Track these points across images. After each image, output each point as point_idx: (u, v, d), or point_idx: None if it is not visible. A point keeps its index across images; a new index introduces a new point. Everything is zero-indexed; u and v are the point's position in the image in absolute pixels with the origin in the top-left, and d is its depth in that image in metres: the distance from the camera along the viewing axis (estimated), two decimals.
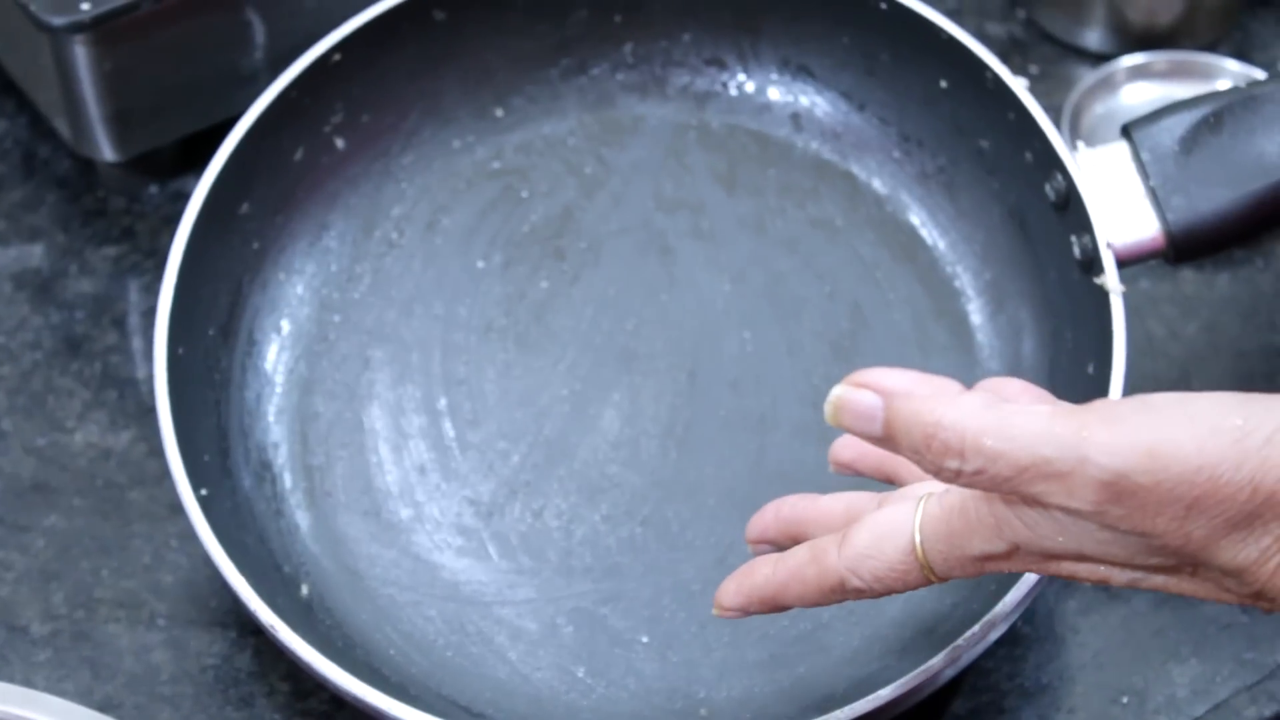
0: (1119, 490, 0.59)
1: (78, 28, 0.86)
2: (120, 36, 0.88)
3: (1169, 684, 0.82)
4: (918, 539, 0.65)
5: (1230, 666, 0.82)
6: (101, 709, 0.78)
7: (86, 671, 0.83)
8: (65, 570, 0.85)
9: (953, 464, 0.60)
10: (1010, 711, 0.81)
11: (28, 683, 0.82)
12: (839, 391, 0.63)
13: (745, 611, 0.70)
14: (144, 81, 0.90)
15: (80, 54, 0.87)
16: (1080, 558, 0.62)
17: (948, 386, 0.67)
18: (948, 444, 0.60)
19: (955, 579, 0.66)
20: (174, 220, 0.89)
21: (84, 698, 0.82)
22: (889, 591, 0.66)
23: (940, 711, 0.81)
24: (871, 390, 0.62)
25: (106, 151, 0.92)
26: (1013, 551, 0.63)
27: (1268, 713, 0.81)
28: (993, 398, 0.61)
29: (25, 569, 0.86)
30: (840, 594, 0.67)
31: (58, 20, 0.86)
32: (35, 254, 0.94)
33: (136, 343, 0.92)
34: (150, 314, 0.80)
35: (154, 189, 0.97)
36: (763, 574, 0.69)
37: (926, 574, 0.65)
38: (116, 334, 0.92)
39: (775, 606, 0.69)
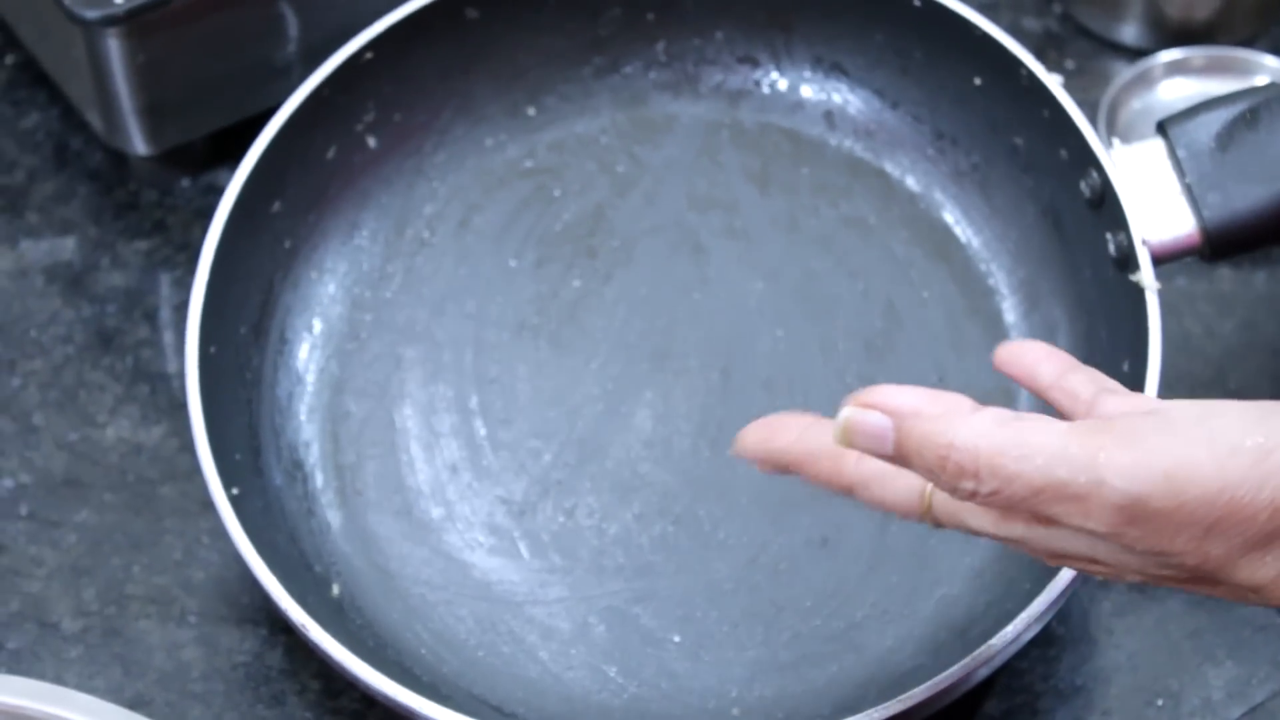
0: (1137, 514, 0.58)
1: (111, 21, 0.86)
2: (153, 29, 0.88)
3: (1204, 686, 0.81)
4: (929, 488, 0.64)
5: (1266, 669, 0.82)
6: (132, 706, 0.78)
7: (117, 668, 0.83)
8: (96, 566, 0.85)
9: (968, 485, 0.59)
10: (1044, 713, 0.81)
11: (59, 680, 0.82)
12: (847, 413, 0.62)
13: (757, 462, 0.67)
14: (177, 75, 0.90)
15: (113, 47, 0.88)
16: (1092, 561, 0.61)
17: (960, 404, 0.64)
18: (962, 465, 0.59)
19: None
20: (206, 214, 0.89)
21: (115, 695, 0.82)
22: (887, 511, 0.65)
23: (974, 712, 0.81)
24: (880, 411, 0.61)
25: (139, 144, 0.92)
26: (1018, 543, 0.62)
27: None
28: (1006, 414, 0.60)
29: (57, 565, 0.86)
30: (845, 494, 0.66)
31: (91, 13, 0.86)
32: (67, 247, 0.95)
33: (168, 337, 0.92)
34: (182, 308, 0.80)
35: (186, 182, 0.97)
36: (786, 439, 0.66)
37: (926, 518, 0.64)
38: (148, 328, 0.92)
39: (785, 472, 0.67)
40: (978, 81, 0.87)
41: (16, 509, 0.87)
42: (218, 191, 0.93)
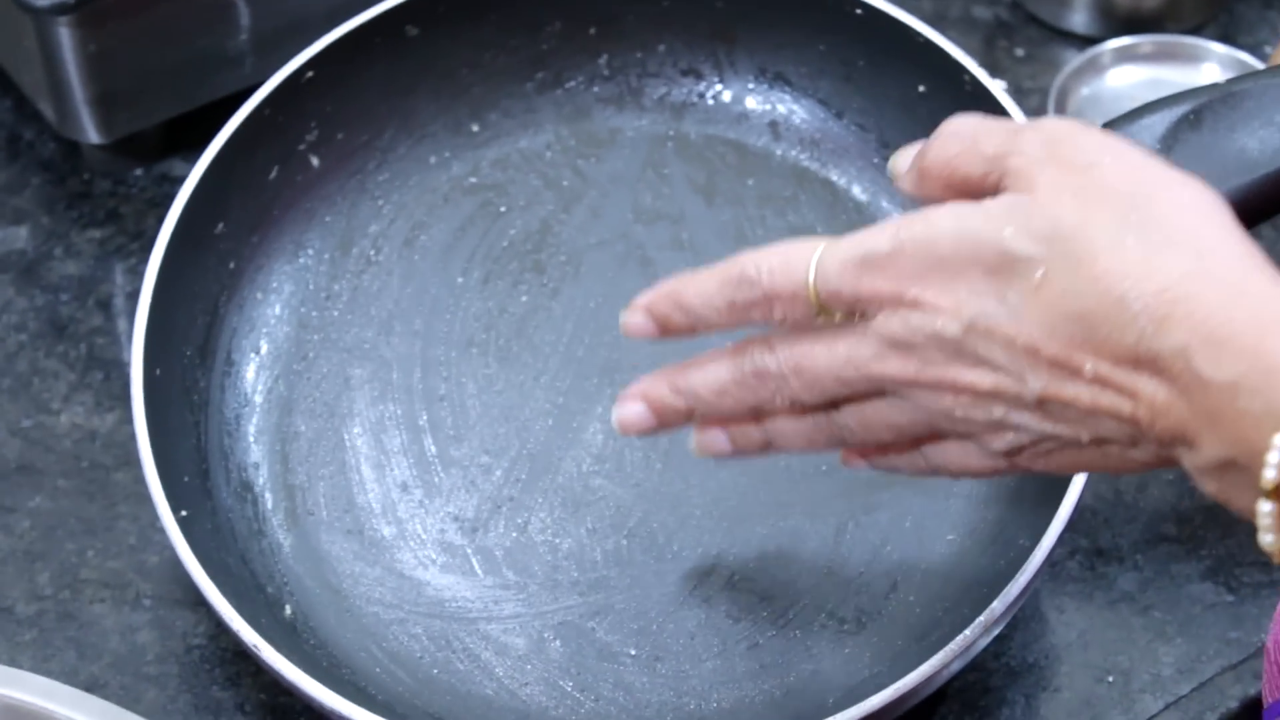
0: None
1: (62, 9, 0.86)
2: (105, 18, 0.88)
3: (1154, 663, 0.82)
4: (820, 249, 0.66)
5: (1215, 645, 0.82)
6: (87, 689, 0.77)
7: (72, 652, 0.82)
8: (50, 551, 0.85)
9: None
10: (996, 690, 0.81)
11: (13, 663, 0.82)
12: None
13: (649, 312, 0.70)
14: (129, 63, 0.90)
15: (64, 36, 0.87)
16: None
17: None
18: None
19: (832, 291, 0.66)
20: (159, 202, 0.89)
21: (69, 678, 0.81)
22: (776, 289, 0.67)
23: (933, 699, 0.81)
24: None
25: (91, 134, 0.92)
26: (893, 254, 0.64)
27: (1252, 691, 0.81)
28: None
29: (10, 550, 0.85)
30: (734, 287, 0.68)
31: (42, 2, 0.86)
32: (20, 236, 0.95)
33: (122, 325, 0.92)
34: (136, 296, 0.81)
35: (139, 171, 0.97)
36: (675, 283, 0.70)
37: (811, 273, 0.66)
38: (102, 316, 0.92)
39: (676, 303, 0.69)
40: (921, 89, 0.87)
41: None
42: (171, 180, 0.94)
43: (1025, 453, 0.65)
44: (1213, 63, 0.97)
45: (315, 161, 0.89)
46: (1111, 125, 0.81)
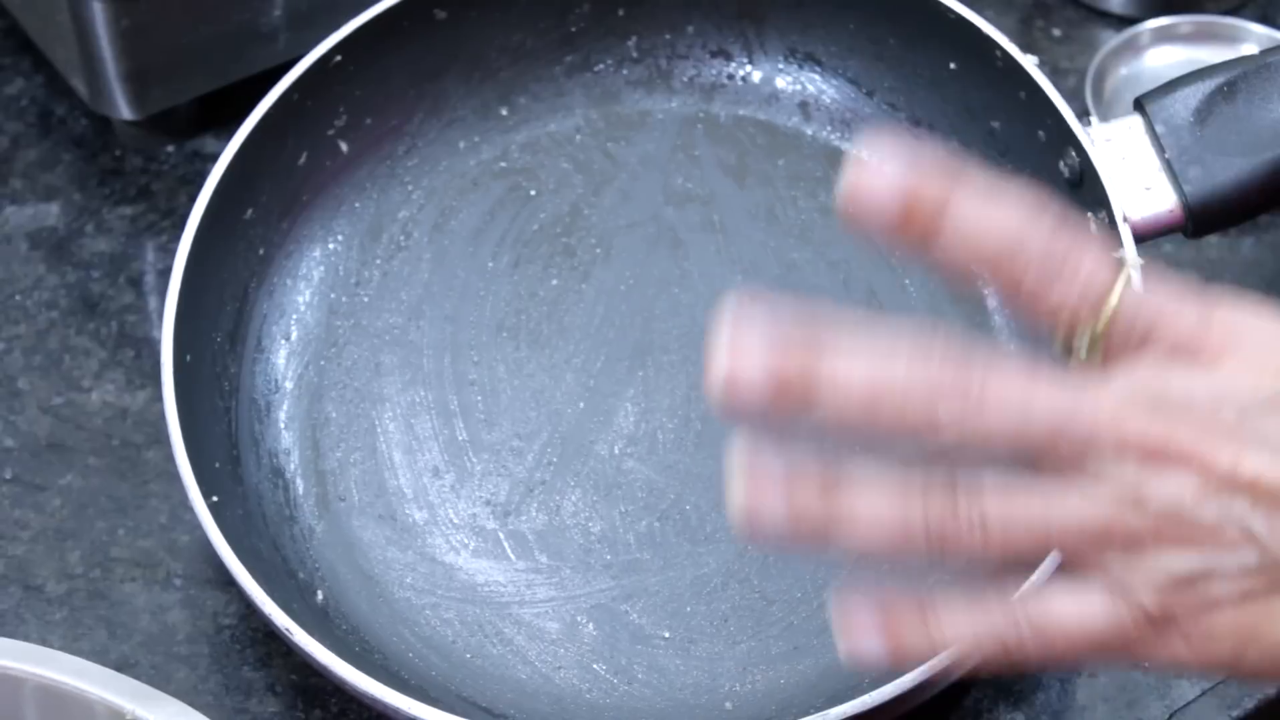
0: None
1: None
2: None
3: None
4: None
5: None
6: (117, 668, 0.77)
7: (103, 631, 0.82)
8: (81, 529, 0.85)
9: None
10: (1033, 675, 0.80)
11: (44, 642, 0.81)
12: None
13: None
14: (162, 39, 0.90)
15: (98, 10, 0.87)
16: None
17: None
18: None
19: None
20: (191, 180, 0.88)
21: (100, 657, 0.81)
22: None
23: (966, 681, 0.80)
24: None
25: (124, 110, 0.92)
26: None
27: None
28: None
29: (41, 528, 0.85)
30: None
31: None
32: (51, 213, 0.94)
33: (153, 302, 0.92)
34: (167, 273, 0.81)
35: (171, 148, 0.96)
36: None
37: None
38: (133, 293, 0.92)
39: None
40: (953, 66, 0.87)
41: (0, 473, 0.86)
42: (203, 158, 0.94)
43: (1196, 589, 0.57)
44: (1252, 43, 0.96)
45: (344, 147, 0.89)
46: (1146, 98, 0.80)
